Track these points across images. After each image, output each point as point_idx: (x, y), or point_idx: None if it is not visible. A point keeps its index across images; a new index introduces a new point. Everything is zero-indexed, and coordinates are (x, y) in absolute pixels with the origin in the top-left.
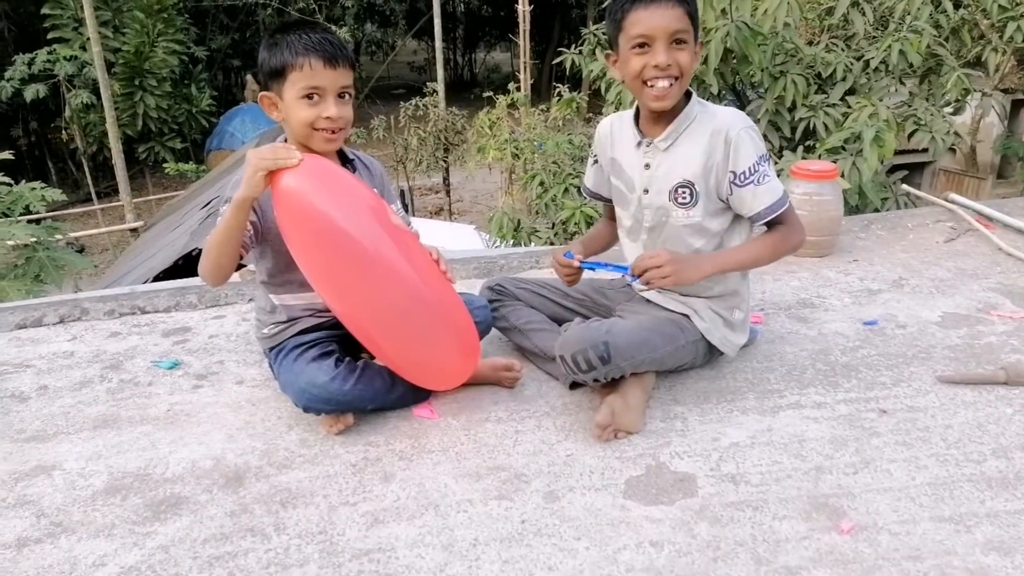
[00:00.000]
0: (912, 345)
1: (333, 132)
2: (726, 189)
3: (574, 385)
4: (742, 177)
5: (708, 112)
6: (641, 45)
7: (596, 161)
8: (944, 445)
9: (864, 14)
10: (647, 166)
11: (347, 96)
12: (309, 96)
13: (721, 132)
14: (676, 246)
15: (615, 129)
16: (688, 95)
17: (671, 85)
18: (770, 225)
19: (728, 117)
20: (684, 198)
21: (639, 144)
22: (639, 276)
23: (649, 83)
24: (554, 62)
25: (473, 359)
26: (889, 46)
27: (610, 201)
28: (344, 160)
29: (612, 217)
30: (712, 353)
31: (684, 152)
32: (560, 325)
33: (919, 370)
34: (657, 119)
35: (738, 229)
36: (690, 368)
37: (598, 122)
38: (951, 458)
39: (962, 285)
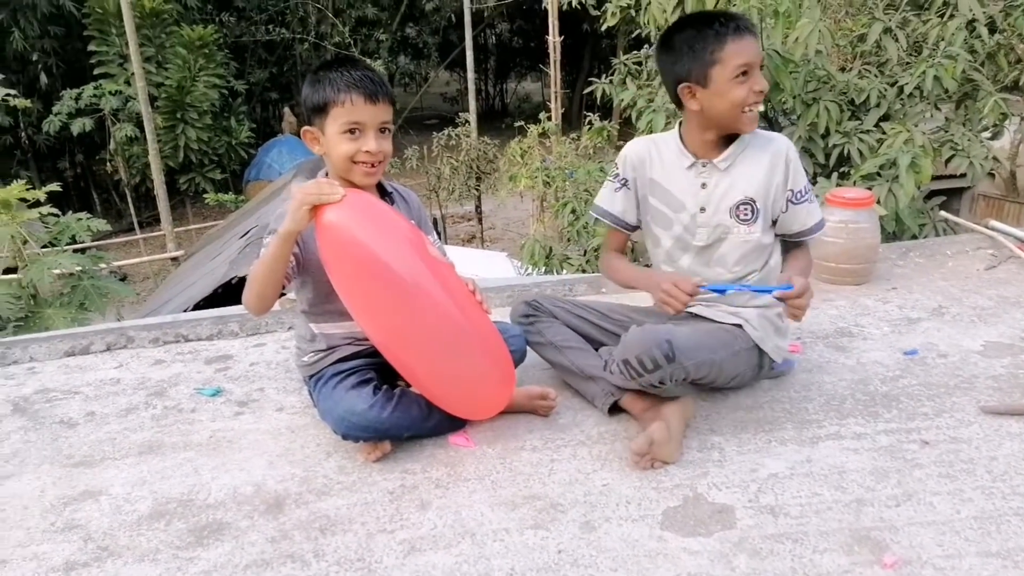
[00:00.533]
0: (954, 375)
1: (372, 166)
2: (782, 206)
3: (613, 409)
4: (799, 195)
5: (761, 134)
6: (744, 74)
7: (624, 185)
8: (989, 478)
9: (897, 40)
10: (703, 186)
11: (387, 131)
12: (350, 131)
13: (781, 153)
14: (725, 263)
15: (653, 151)
16: None
17: (757, 108)
18: (798, 244)
19: (780, 140)
20: (746, 214)
21: (691, 166)
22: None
23: (749, 108)
24: (585, 91)
25: (508, 388)
26: (923, 72)
27: (630, 228)
28: (383, 193)
29: (620, 250)
30: (760, 368)
31: (744, 171)
32: (596, 348)
33: (962, 400)
34: (715, 142)
35: (777, 248)
36: (739, 386)
37: None
38: (997, 491)
39: (1004, 314)
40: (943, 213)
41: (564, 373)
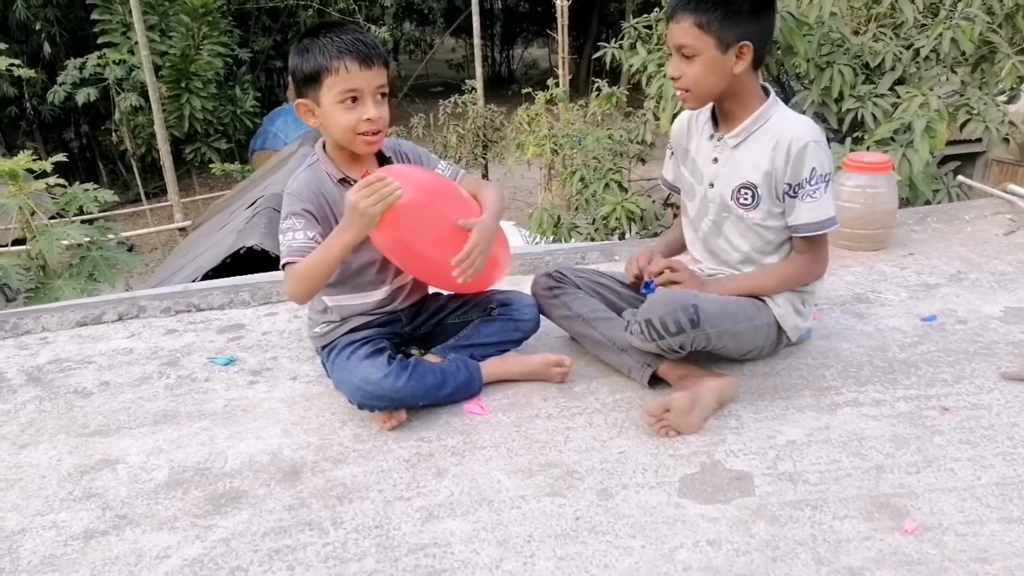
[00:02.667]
0: (973, 341)
1: (375, 134)
2: (781, 196)
3: (653, 381)
4: (795, 188)
5: (781, 116)
6: (670, 55)
7: (673, 153)
8: (1011, 444)
9: (913, 1)
10: (715, 160)
11: (383, 96)
12: (348, 100)
13: (785, 142)
14: (731, 245)
15: (692, 120)
16: (767, 93)
17: (683, 93)
18: (801, 243)
19: (797, 127)
20: (746, 199)
21: (711, 137)
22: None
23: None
24: (593, 57)
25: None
26: (940, 34)
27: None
28: (381, 158)
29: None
30: (777, 344)
31: (751, 153)
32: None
33: (981, 367)
34: (731, 115)
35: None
36: (753, 359)
37: (638, 116)
38: (1018, 457)
39: None
40: (960, 177)
41: (595, 346)
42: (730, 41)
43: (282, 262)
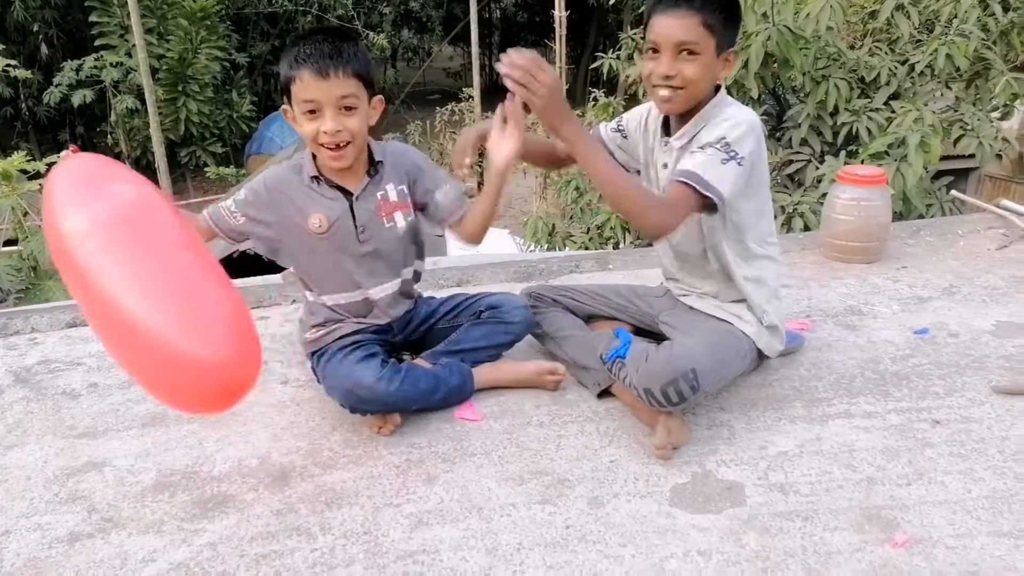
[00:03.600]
0: (965, 354)
1: (336, 147)
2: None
3: (603, 394)
4: (695, 146)
5: (723, 113)
6: (653, 50)
7: (621, 131)
8: (1001, 457)
9: (909, 17)
10: (665, 166)
11: (351, 108)
12: (310, 111)
13: (717, 122)
14: (690, 244)
15: (649, 118)
16: (717, 93)
17: (673, 92)
18: (669, 191)
19: (732, 112)
20: None
21: (664, 143)
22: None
23: (655, 88)
24: (590, 67)
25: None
26: (935, 50)
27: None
28: (372, 163)
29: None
30: (759, 363)
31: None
32: (589, 322)
33: (973, 380)
34: (678, 119)
35: (756, 220)
36: (742, 378)
37: None
38: (1009, 471)
39: (1016, 293)
40: (954, 192)
41: (561, 362)
42: (724, 46)
43: (206, 211)
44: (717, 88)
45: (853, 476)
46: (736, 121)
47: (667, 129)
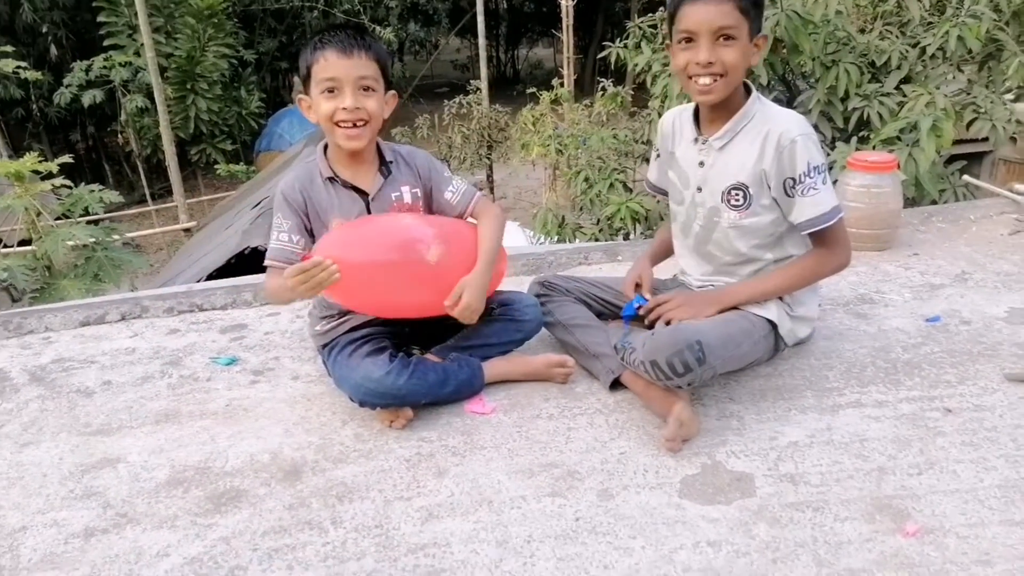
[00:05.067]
0: (977, 342)
1: (354, 125)
2: (776, 193)
3: (614, 385)
4: (789, 184)
5: (766, 113)
6: (687, 40)
7: (659, 155)
8: (1014, 446)
9: None
10: (701, 164)
11: (369, 89)
12: (328, 90)
13: (773, 136)
14: (724, 249)
15: (676, 123)
16: (748, 91)
17: (714, 81)
18: (814, 239)
19: (784, 122)
20: (737, 200)
21: (696, 140)
22: (646, 314)
23: (693, 79)
24: (598, 56)
25: None
26: (947, 32)
27: (666, 194)
28: (382, 161)
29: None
30: (775, 351)
31: (738, 152)
32: (606, 322)
33: (985, 368)
34: (715, 116)
35: (790, 239)
36: (752, 367)
37: (643, 116)
38: (1021, 459)
39: None
40: (967, 177)
41: (572, 351)
42: (755, 31)
43: (266, 262)
44: (745, 83)
45: (864, 466)
46: (800, 135)
47: (697, 123)
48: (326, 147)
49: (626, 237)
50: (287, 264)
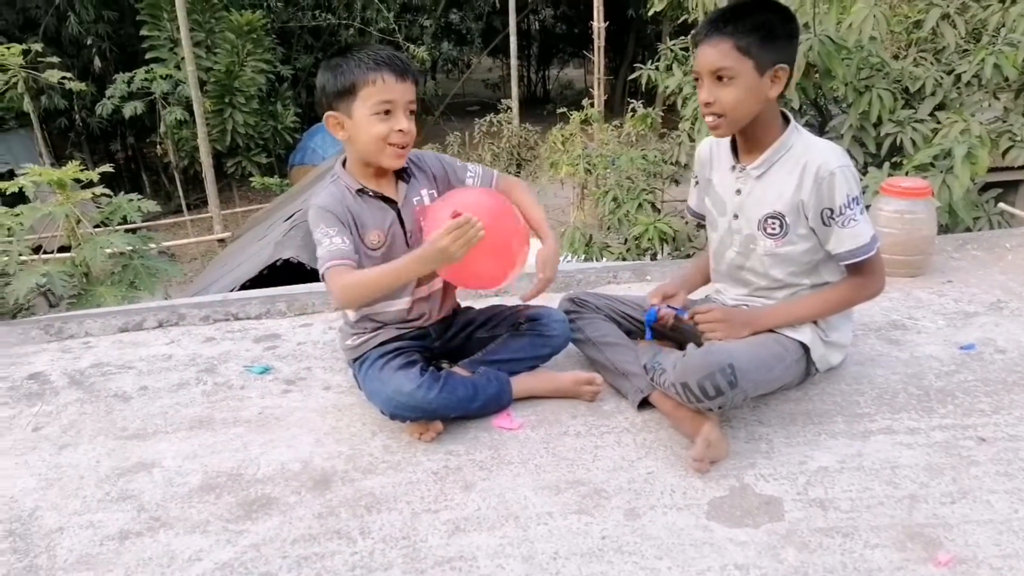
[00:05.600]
0: (1013, 371)
1: (403, 147)
2: (814, 223)
3: (643, 405)
4: (827, 215)
5: (804, 143)
6: (697, 79)
7: (697, 182)
8: None
9: (955, 26)
10: (738, 192)
11: (414, 112)
12: (382, 111)
13: (812, 167)
14: (759, 275)
15: (714, 150)
16: (787, 121)
17: (715, 120)
18: (850, 268)
19: (822, 153)
20: (774, 229)
21: (733, 168)
22: (692, 318)
23: (705, 115)
24: (629, 78)
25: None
26: (983, 59)
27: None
28: (401, 168)
29: None
30: (806, 375)
31: (776, 182)
32: (635, 341)
33: (1021, 398)
34: (751, 145)
35: (826, 267)
36: (784, 389)
37: (672, 137)
38: None
39: None
40: (1002, 205)
41: (601, 369)
42: (767, 65)
43: (326, 265)
44: (783, 113)
45: (895, 493)
46: (839, 167)
47: (735, 151)
48: (344, 162)
49: (653, 257)
50: (350, 262)
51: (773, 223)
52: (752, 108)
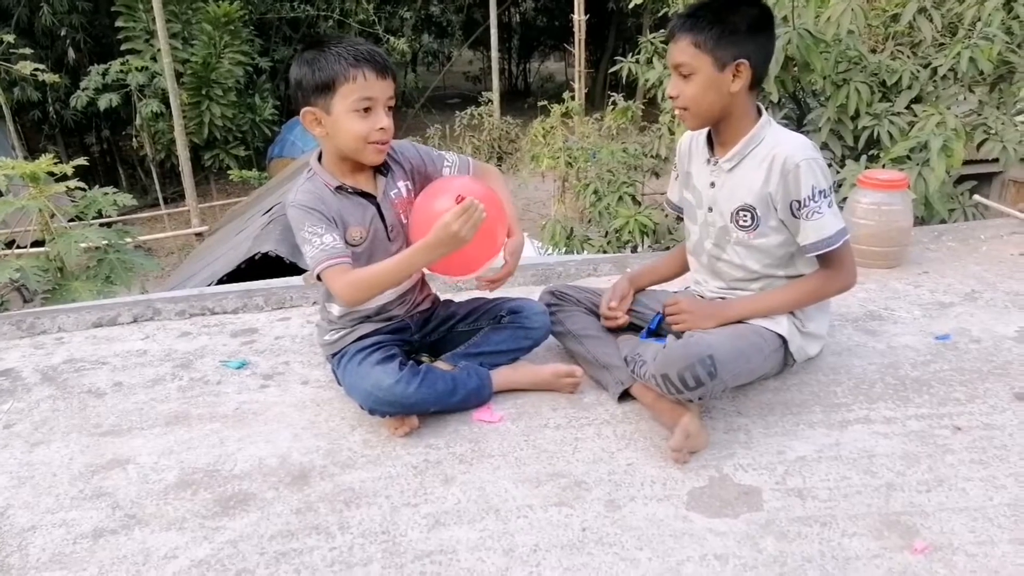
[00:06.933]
0: (987, 360)
1: (383, 144)
2: (783, 216)
3: (623, 397)
4: (795, 207)
5: (774, 136)
6: (670, 74)
7: (677, 175)
8: (1023, 464)
9: (931, 20)
10: (712, 184)
11: (391, 108)
12: (362, 108)
13: (779, 160)
14: (735, 266)
15: (693, 144)
16: (760, 114)
17: (681, 112)
18: (819, 260)
19: (789, 145)
20: (745, 221)
21: (708, 161)
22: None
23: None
24: (609, 71)
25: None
26: (958, 53)
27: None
28: (378, 165)
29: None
30: (784, 366)
31: (746, 175)
32: (615, 335)
33: (995, 386)
34: (725, 138)
35: (800, 260)
36: (762, 380)
37: (653, 130)
38: None
39: None
40: (977, 197)
41: (581, 361)
42: (726, 60)
43: (322, 266)
44: (758, 105)
45: (872, 482)
46: (804, 159)
47: (711, 145)
48: (320, 157)
49: (634, 250)
50: (347, 259)
51: (744, 215)
52: (713, 101)
